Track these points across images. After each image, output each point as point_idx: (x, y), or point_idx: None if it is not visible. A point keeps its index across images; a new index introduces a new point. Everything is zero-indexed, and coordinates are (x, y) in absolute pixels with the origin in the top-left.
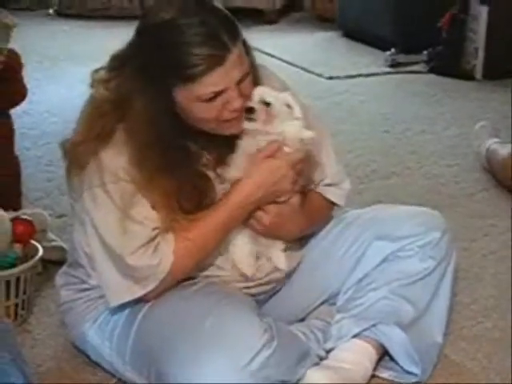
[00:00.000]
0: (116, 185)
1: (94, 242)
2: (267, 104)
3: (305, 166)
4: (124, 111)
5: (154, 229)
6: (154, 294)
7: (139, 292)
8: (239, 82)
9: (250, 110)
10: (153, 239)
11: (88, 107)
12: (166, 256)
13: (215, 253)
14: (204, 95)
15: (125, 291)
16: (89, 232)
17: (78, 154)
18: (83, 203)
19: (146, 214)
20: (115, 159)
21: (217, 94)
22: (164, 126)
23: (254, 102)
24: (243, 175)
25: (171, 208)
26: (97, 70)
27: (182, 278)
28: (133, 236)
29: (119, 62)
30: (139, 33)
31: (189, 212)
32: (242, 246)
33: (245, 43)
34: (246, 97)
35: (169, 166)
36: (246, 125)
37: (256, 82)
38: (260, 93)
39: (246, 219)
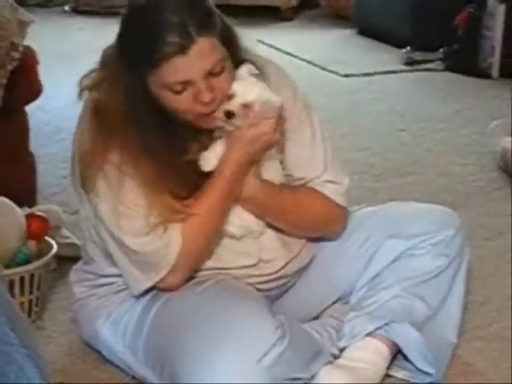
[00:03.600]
0: (111, 168)
1: (105, 234)
2: (247, 105)
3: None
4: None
5: (149, 215)
6: (174, 279)
7: (155, 278)
8: (209, 76)
9: (229, 115)
10: (154, 225)
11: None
12: (174, 238)
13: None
14: (169, 83)
15: (141, 278)
16: (101, 226)
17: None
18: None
19: (138, 202)
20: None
21: (183, 86)
22: (143, 111)
23: (234, 105)
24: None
25: (161, 194)
26: (86, 75)
27: (201, 258)
28: (130, 221)
29: (106, 58)
30: (121, 21)
31: (184, 199)
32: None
33: (232, 39)
34: (220, 91)
35: (150, 148)
36: (227, 126)
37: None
38: (238, 90)
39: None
